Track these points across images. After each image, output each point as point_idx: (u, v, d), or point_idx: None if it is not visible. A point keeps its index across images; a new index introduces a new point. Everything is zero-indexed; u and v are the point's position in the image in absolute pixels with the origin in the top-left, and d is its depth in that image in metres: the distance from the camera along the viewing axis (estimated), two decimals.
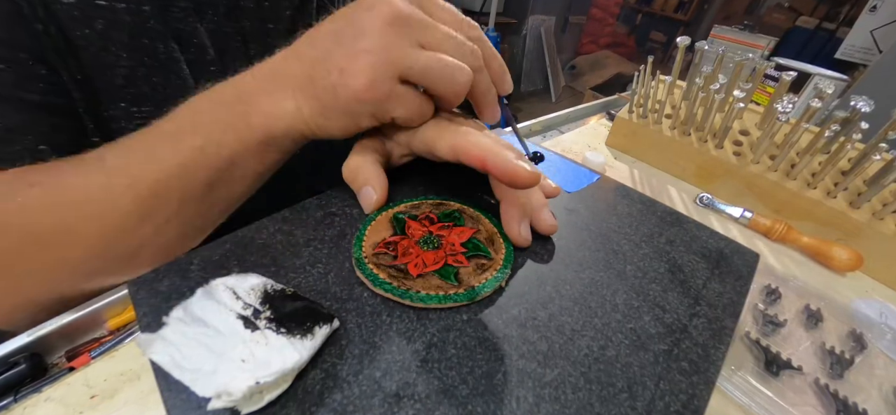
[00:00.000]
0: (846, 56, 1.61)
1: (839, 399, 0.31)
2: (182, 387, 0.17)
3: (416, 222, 0.27)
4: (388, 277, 0.23)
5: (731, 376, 0.32)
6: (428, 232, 0.26)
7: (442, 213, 0.28)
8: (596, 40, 4.01)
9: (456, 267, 0.24)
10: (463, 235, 0.27)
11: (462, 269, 0.24)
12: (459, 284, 0.23)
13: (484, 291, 0.23)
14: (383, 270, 0.23)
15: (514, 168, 0.24)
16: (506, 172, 0.24)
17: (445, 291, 0.22)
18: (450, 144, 0.27)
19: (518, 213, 0.27)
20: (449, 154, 0.27)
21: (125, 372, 0.28)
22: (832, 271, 0.48)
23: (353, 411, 0.17)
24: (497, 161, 0.25)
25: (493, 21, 2.41)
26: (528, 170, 0.24)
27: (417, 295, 0.22)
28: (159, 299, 0.21)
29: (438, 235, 0.26)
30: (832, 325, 0.38)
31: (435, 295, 0.22)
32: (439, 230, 0.27)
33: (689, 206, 0.57)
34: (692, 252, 0.29)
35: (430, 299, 0.22)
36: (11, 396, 0.27)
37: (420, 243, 0.25)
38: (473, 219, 0.28)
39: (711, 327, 0.23)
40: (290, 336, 0.18)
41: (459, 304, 0.22)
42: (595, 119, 0.83)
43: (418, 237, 0.26)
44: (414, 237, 0.26)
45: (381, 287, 0.22)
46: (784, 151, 0.51)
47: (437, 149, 0.28)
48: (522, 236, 0.26)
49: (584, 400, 0.18)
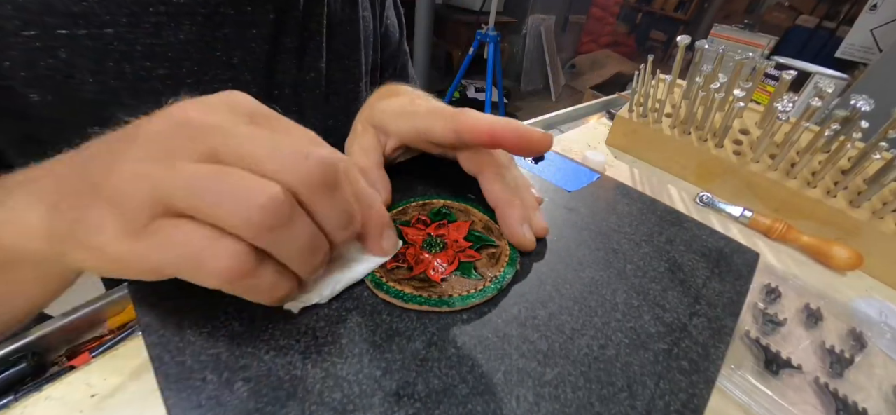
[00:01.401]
0: (846, 55, 1.60)
1: (839, 398, 0.31)
2: (183, 385, 0.17)
3: (411, 228, 0.27)
4: (416, 290, 0.22)
5: (731, 375, 0.32)
6: (428, 235, 0.26)
7: (431, 212, 0.28)
8: (596, 39, 4.00)
9: (471, 262, 0.24)
10: (461, 229, 0.27)
11: (477, 262, 0.24)
12: (483, 278, 0.23)
13: (507, 277, 0.24)
14: (407, 285, 0.23)
15: (527, 133, 0.23)
16: (520, 139, 0.24)
17: (476, 288, 0.23)
18: (451, 127, 0.26)
19: (518, 215, 0.26)
20: (450, 137, 0.26)
21: (125, 371, 0.28)
22: (832, 271, 0.48)
23: (353, 410, 0.17)
24: (507, 131, 0.24)
25: (493, 20, 2.40)
26: (541, 131, 0.24)
27: (457, 299, 0.22)
28: (159, 299, 0.21)
29: (439, 235, 0.26)
30: (832, 324, 0.38)
31: (469, 295, 0.22)
32: (437, 230, 0.27)
33: (689, 205, 0.57)
34: (692, 251, 0.29)
35: (470, 299, 0.22)
36: (12, 394, 0.28)
37: (425, 248, 0.25)
38: (463, 211, 0.28)
39: (711, 326, 0.23)
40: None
41: (492, 296, 0.23)
42: (595, 118, 0.83)
43: (421, 242, 0.26)
44: (417, 243, 0.26)
45: (415, 302, 0.22)
46: (784, 150, 0.51)
47: (435, 134, 0.27)
48: (527, 238, 0.26)
49: (583, 399, 0.18)
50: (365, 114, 0.33)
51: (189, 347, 0.19)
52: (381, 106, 0.31)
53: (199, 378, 0.18)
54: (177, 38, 0.33)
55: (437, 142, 0.28)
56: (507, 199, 0.27)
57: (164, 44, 0.33)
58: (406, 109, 0.29)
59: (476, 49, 2.47)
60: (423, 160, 0.34)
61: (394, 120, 0.30)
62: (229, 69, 0.37)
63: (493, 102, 2.65)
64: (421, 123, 0.28)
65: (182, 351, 0.18)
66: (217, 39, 0.36)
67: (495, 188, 0.27)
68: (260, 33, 0.38)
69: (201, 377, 0.18)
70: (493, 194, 0.27)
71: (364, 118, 0.32)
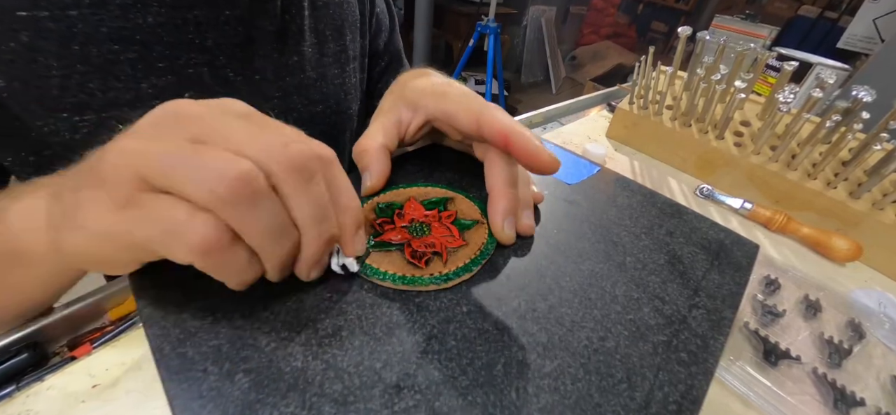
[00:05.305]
0: (848, 45, 1.59)
1: (837, 388, 0.31)
2: (184, 376, 0.17)
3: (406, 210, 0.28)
4: (398, 270, 0.23)
5: (730, 366, 0.32)
6: (416, 221, 0.27)
7: (426, 202, 0.29)
8: (597, 31, 3.98)
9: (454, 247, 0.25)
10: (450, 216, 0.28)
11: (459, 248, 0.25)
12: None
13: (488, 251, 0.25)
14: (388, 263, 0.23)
15: (537, 150, 0.24)
16: (528, 153, 0.24)
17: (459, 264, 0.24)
18: (475, 116, 0.26)
19: (505, 207, 0.26)
20: (472, 126, 0.27)
21: (126, 361, 0.28)
22: (831, 262, 0.48)
23: (353, 401, 0.17)
24: (519, 140, 0.24)
25: (494, 11, 2.39)
26: (551, 153, 0.24)
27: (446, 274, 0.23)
28: (159, 290, 0.21)
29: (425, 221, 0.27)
30: (831, 315, 0.38)
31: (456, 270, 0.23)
32: (425, 216, 0.27)
33: (689, 197, 0.57)
34: (692, 243, 0.29)
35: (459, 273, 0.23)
36: (14, 384, 0.28)
37: (412, 231, 0.26)
38: (452, 200, 0.29)
39: (711, 318, 0.23)
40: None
41: (475, 271, 0.24)
42: (596, 110, 0.83)
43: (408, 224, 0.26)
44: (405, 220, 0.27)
45: (390, 280, 0.22)
46: (785, 141, 0.51)
47: (460, 120, 0.27)
48: (505, 233, 0.26)
49: (583, 391, 0.19)
50: (396, 91, 0.32)
51: (190, 338, 0.19)
52: (413, 84, 0.31)
53: (201, 370, 0.18)
54: (145, 21, 0.33)
55: (459, 127, 0.28)
56: (500, 189, 0.26)
57: (131, 26, 0.32)
58: (438, 90, 0.30)
59: (476, 41, 2.46)
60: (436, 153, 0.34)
61: (425, 98, 0.30)
62: (204, 52, 0.36)
63: (493, 94, 2.64)
64: (451, 106, 0.28)
65: (183, 343, 0.19)
66: (188, 21, 0.35)
67: (494, 176, 0.27)
68: (234, 15, 0.37)
69: (202, 369, 0.18)
70: (491, 181, 0.27)
71: (395, 95, 0.32)
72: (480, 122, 0.26)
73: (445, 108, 0.29)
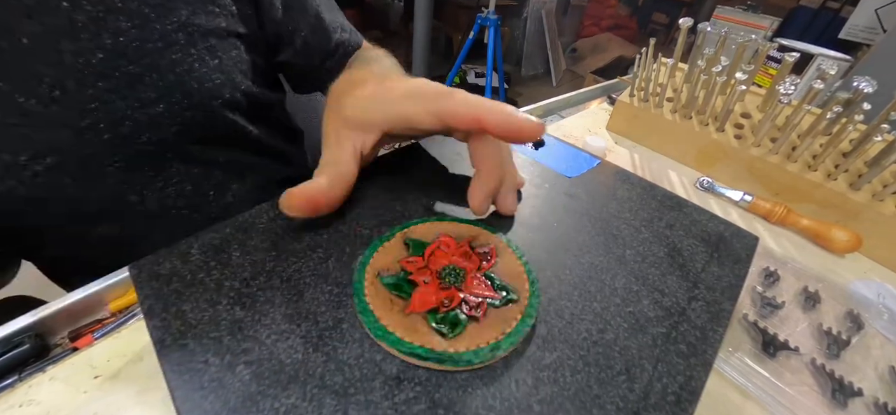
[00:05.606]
0: (850, 36, 1.58)
1: (835, 379, 0.31)
2: (185, 368, 0.17)
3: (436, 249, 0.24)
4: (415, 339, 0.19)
5: (729, 357, 0.32)
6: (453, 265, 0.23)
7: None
8: (597, 23, 3.95)
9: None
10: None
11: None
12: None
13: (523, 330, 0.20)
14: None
15: (517, 120, 0.21)
16: (509, 126, 0.22)
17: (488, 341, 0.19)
18: (432, 111, 0.24)
19: (492, 184, 0.25)
20: (432, 123, 0.24)
21: (128, 352, 0.28)
22: (831, 253, 0.48)
23: (354, 393, 0.17)
24: (493, 116, 0.22)
25: (494, 3, 2.37)
26: (528, 117, 0.22)
27: (466, 354, 0.19)
28: (160, 283, 0.21)
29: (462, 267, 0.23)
30: (830, 306, 0.38)
31: (480, 349, 0.19)
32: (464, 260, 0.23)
33: (689, 189, 0.57)
34: (692, 236, 0.29)
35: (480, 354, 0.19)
36: (16, 374, 0.28)
37: (444, 278, 0.22)
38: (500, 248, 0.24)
39: (710, 309, 0.23)
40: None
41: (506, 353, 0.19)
42: (596, 103, 0.83)
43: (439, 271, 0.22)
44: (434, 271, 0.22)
45: (408, 352, 0.18)
46: (785, 133, 0.51)
47: (415, 120, 0.25)
48: (481, 209, 0.25)
49: (582, 382, 0.19)
50: (332, 116, 0.28)
51: (191, 330, 0.19)
52: (348, 101, 0.28)
53: (202, 361, 0.18)
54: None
55: (422, 130, 0.26)
56: (487, 168, 0.25)
57: None
58: (378, 95, 0.27)
59: (476, 33, 2.44)
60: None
61: (370, 112, 0.26)
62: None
63: (493, 88, 2.63)
64: (399, 109, 0.25)
65: (184, 334, 0.19)
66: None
67: (478, 154, 0.25)
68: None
69: (203, 360, 0.18)
70: (479, 156, 0.25)
71: (333, 121, 0.28)
72: (442, 116, 0.24)
73: (396, 112, 0.25)
